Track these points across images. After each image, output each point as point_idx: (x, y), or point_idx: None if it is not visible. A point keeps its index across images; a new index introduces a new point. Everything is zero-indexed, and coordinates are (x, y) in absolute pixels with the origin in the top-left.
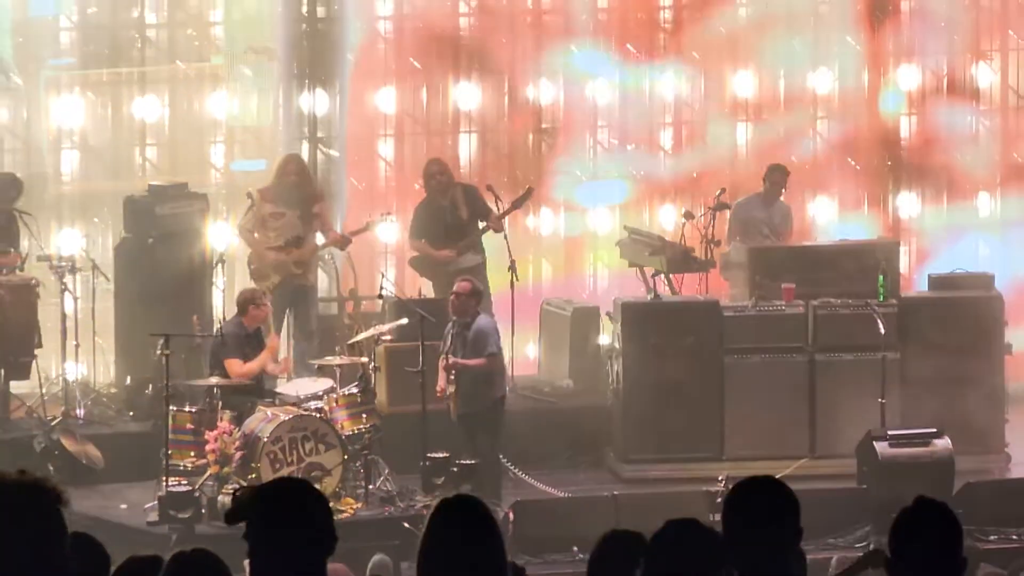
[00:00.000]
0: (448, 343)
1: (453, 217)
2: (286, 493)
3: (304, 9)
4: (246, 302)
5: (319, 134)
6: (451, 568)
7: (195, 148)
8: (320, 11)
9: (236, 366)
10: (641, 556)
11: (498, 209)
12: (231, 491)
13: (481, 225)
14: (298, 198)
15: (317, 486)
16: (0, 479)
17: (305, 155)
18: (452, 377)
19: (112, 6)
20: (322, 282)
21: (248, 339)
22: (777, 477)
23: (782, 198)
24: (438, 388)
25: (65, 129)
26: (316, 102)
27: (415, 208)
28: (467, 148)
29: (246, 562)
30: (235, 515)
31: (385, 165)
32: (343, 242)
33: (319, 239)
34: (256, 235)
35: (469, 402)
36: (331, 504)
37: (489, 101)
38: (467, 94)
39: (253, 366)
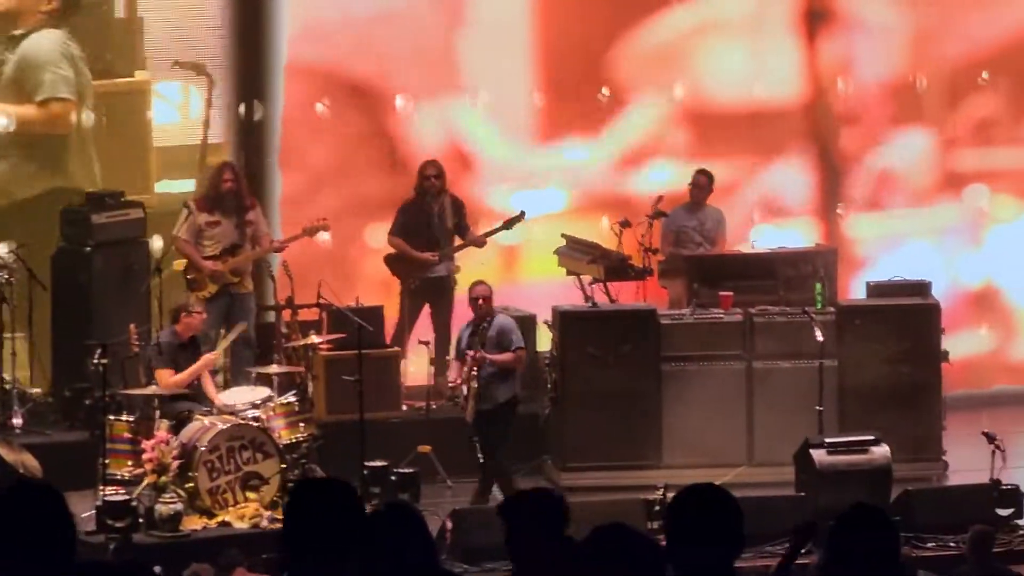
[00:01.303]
0: (464, 343)
1: (440, 223)
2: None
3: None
4: (178, 311)
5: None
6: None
7: (130, 163)
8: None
9: (166, 376)
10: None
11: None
12: (168, 500)
13: (458, 240)
14: (234, 206)
15: (254, 495)
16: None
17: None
18: (475, 373)
19: None
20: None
21: (182, 348)
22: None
23: (711, 203)
24: (451, 384)
25: None
26: (252, 111)
27: (401, 206)
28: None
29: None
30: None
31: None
32: (275, 250)
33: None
34: (188, 242)
35: (488, 399)
36: (268, 513)
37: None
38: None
39: (182, 378)
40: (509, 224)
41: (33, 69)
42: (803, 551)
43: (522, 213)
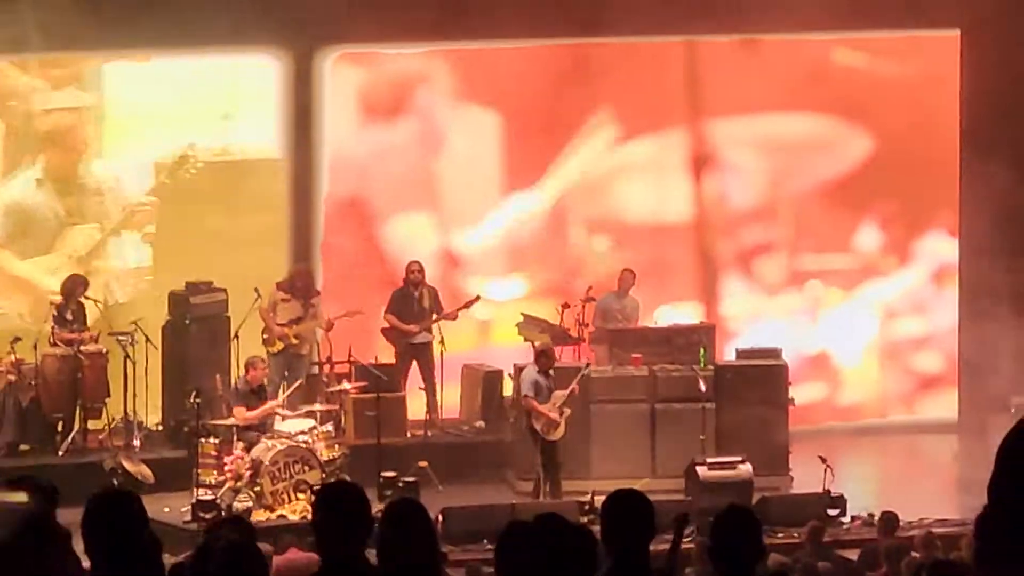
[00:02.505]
0: (544, 384)
1: (419, 305)
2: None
3: (291, 157)
4: (248, 365)
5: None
6: (397, 552)
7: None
8: (304, 157)
9: (241, 413)
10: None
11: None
12: (242, 499)
13: (435, 316)
14: (303, 293)
15: (303, 496)
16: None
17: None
18: (564, 410)
19: None
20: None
21: (252, 392)
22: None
23: (632, 293)
24: (558, 417)
25: None
26: (300, 224)
27: (393, 293)
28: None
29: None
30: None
31: (348, 269)
32: (328, 325)
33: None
34: (269, 311)
35: (565, 429)
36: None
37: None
38: (403, 219)
39: (253, 416)
40: (468, 305)
41: None
42: (684, 538)
43: (478, 297)
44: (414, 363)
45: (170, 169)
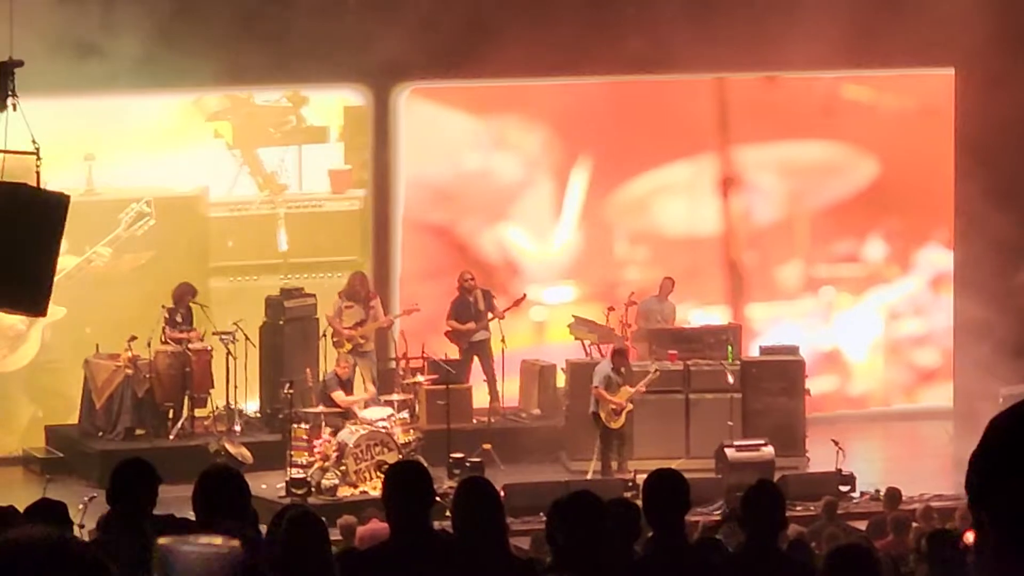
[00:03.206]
0: (613, 381)
1: (475, 308)
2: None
3: (375, 180)
4: (339, 359)
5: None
6: (470, 522)
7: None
8: (386, 180)
9: (339, 396)
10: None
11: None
12: (329, 477)
13: (490, 316)
14: (362, 297)
15: (381, 474)
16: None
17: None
18: (628, 405)
19: None
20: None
21: (340, 384)
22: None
23: (670, 298)
24: (621, 408)
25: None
26: (383, 238)
27: (453, 300)
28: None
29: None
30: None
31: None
32: (388, 325)
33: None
34: (335, 318)
35: (625, 421)
36: None
37: (487, 238)
38: (473, 234)
39: (350, 400)
40: (516, 303)
41: None
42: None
43: (524, 296)
44: (475, 359)
45: None
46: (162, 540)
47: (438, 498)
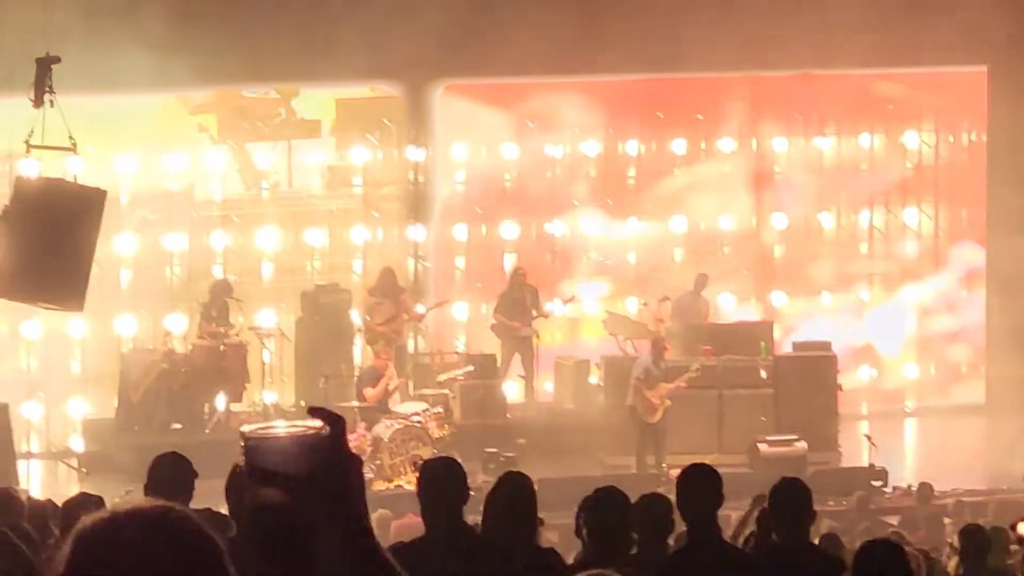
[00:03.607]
0: (652, 374)
1: (523, 304)
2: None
3: (410, 176)
4: (376, 354)
5: (420, 252)
6: (500, 516)
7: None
8: (420, 177)
9: (368, 392)
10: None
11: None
12: (366, 471)
13: (534, 313)
14: (392, 293)
15: (414, 468)
16: None
17: (411, 265)
18: (666, 401)
19: None
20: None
21: (377, 377)
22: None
23: (703, 293)
24: (659, 403)
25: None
26: (417, 232)
27: (501, 294)
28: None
29: None
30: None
31: (458, 272)
32: (420, 319)
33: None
34: (367, 317)
35: (662, 415)
36: None
37: (523, 233)
38: (508, 229)
39: (376, 395)
40: (567, 302)
41: None
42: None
43: (572, 296)
44: (516, 354)
45: None
46: (246, 429)
47: (472, 492)
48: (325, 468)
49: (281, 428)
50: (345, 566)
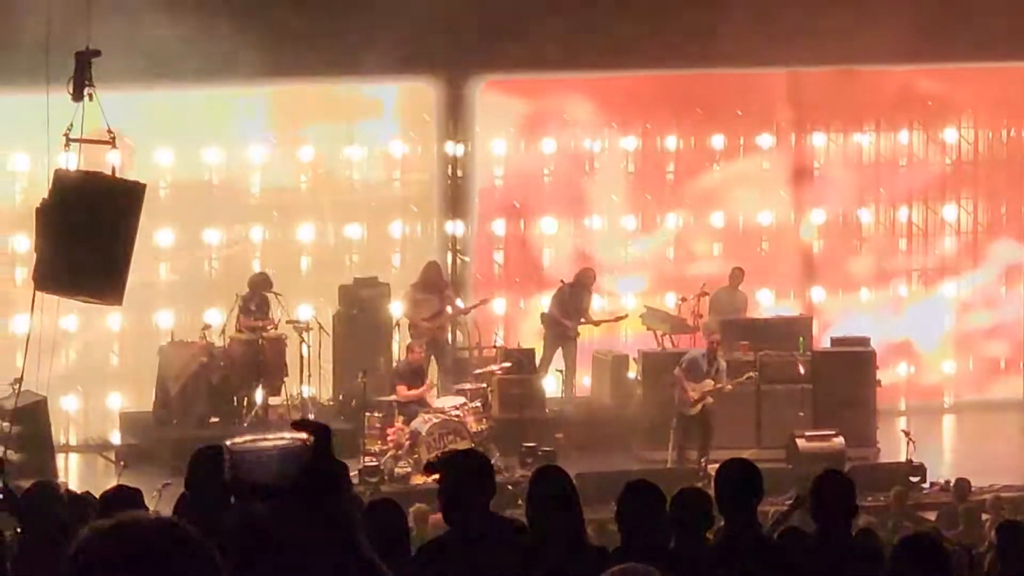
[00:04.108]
0: (705, 369)
1: (579, 305)
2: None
3: (448, 171)
4: (408, 349)
5: (458, 247)
6: (544, 508)
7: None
8: (459, 171)
9: (403, 390)
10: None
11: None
12: (402, 466)
13: (582, 320)
14: (437, 288)
15: None
16: None
17: (449, 260)
18: (707, 397)
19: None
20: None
21: (413, 372)
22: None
23: (741, 288)
24: (697, 397)
25: None
26: (456, 227)
27: (560, 289)
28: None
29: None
30: (431, 468)
31: (497, 266)
32: (462, 313)
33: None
34: (412, 310)
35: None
36: None
37: (562, 228)
38: (547, 224)
39: (412, 394)
40: (617, 320)
41: None
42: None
43: (626, 315)
44: (559, 349)
45: None
46: (230, 442)
47: (510, 487)
48: (308, 479)
49: (266, 440)
50: None
